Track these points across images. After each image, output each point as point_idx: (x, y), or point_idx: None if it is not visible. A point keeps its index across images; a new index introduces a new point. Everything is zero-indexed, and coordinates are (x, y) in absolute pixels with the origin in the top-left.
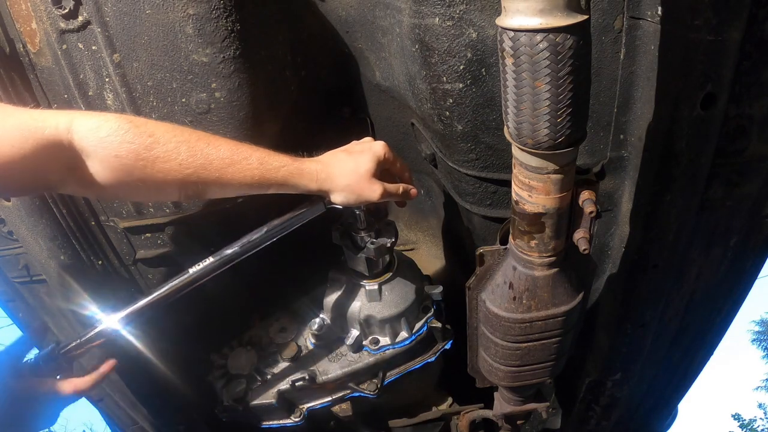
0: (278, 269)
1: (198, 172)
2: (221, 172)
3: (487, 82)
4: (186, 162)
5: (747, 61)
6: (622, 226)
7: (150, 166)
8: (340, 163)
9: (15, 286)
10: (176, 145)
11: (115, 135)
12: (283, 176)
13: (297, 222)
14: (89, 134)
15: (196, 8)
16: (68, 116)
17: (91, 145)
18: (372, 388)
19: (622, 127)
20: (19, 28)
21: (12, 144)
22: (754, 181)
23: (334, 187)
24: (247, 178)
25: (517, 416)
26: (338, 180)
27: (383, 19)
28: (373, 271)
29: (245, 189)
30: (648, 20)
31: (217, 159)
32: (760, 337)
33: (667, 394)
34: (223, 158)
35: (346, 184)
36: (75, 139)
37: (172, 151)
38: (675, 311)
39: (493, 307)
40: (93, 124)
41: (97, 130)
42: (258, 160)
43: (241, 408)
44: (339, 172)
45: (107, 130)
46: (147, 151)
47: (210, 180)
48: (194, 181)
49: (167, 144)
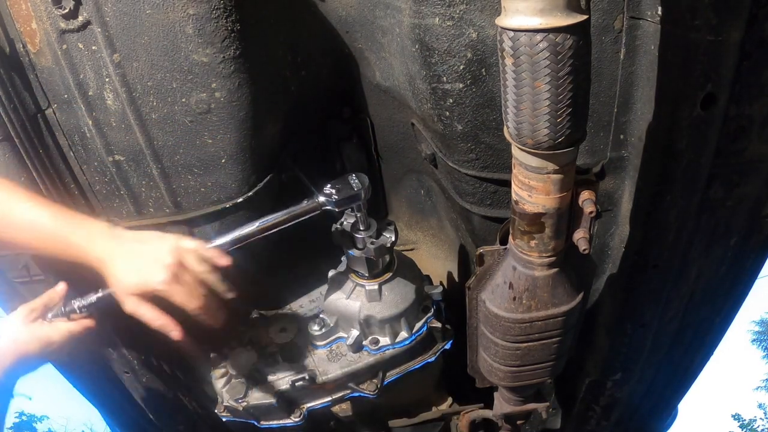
0: (278, 269)
1: (8, 232)
2: (26, 235)
3: (487, 82)
4: (1, 220)
5: (747, 61)
6: (622, 226)
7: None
8: (119, 267)
9: (15, 286)
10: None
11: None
12: (72, 255)
13: (290, 220)
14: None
15: (196, 8)
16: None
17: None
18: (372, 388)
19: (622, 127)
20: (19, 28)
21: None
22: (754, 181)
23: (109, 282)
24: (47, 248)
25: (517, 416)
26: (113, 280)
27: (383, 19)
28: (373, 271)
29: (45, 256)
30: (648, 20)
31: (24, 222)
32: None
33: (667, 394)
34: (28, 222)
35: (115, 285)
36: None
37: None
38: (675, 311)
39: (493, 307)
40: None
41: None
42: (54, 233)
43: (241, 408)
44: (116, 274)
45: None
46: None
47: (18, 241)
48: (7, 240)
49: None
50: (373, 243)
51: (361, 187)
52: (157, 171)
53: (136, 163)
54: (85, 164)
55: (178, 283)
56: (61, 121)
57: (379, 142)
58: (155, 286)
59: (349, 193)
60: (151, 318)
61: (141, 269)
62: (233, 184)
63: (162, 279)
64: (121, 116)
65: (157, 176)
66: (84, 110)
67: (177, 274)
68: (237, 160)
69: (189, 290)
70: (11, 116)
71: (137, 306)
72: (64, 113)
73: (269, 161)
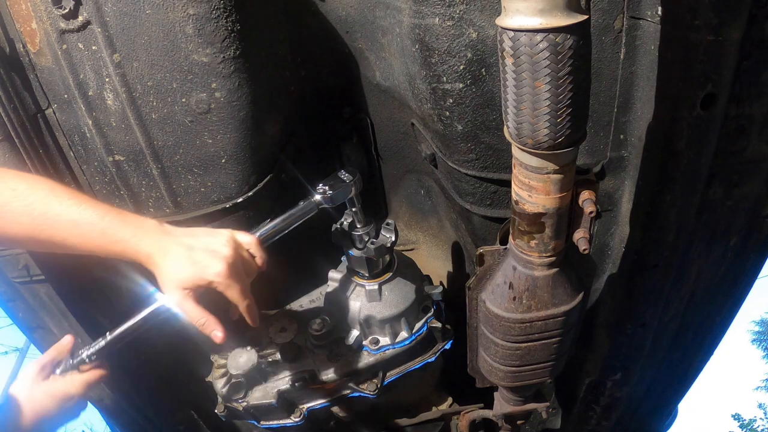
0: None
1: (47, 231)
2: (67, 233)
3: (487, 82)
4: (39, 218)
5: (747, 61)
6: (622, 226)
7: (7, 217)
8: (170, 258)
9: (15, 286)
10: (32, 200)
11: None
12: (120, 250)
13: (288, 225)
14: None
15: (196, 8)
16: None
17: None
18: (372, 388)
19: (622, 127)
20: (19, 28)
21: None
22: (754, 181)
23: (156, 275)
24: (89, 245)
25: (517, 416)
26: (160, 273)
27: (383, 19)
28: (373, 271)
29: (88, 253)
30: (648, 20)
31: (65, 220)
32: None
33: (667, 394)
34: (70, 220)
35: (162, 278)
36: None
37: (28, 206)
38: (675, 311)
39: (493, 307)
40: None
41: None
42: (101, 230)
43: (241, 408)
44: (165, 266)
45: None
46: (7, 205)
47: (56, 240)
48: (45, 239)
49: (25, 199)
50: (373, 243)
51: (352, 179)
52: (157, 171)
53: (136, 163)
54: (85, 164)
55: (234, 277)
56: (61, 121)
57: (379, 142)
58: (211, 278)
59: (341, 186)
60: (195, 315)
61: (197, 261)
62: (233, 184)
63: (219, 270)
64: (121, 116)
65: (157, 176)
66: (84, 110)
67: (234, 267)
68: (237, 160)
69: (244, 285)
70: (11, 116)
71: (182, 301)
72: (64, 113)
73: (269, 161)
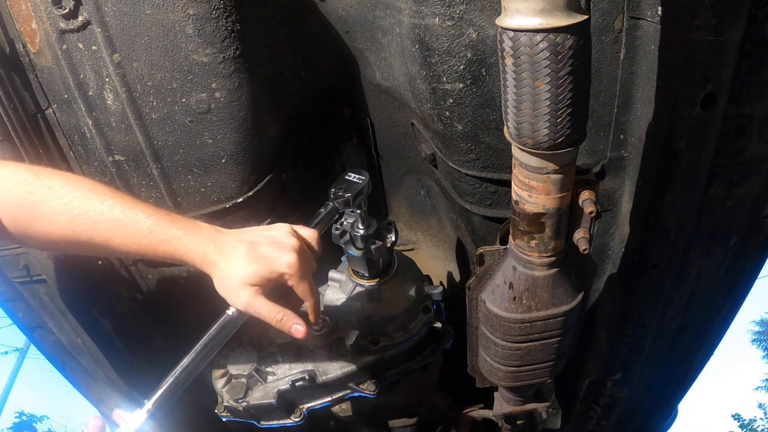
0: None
1: (87, 231)
2: (110, 233)
3: (487, 82)
4: (78, 218)
5: (747, 61)
6: (622, 226)
7: (43, 217)
8: (232, 255)
9: (15, 286)
10: (71, 199)
11: (18, 185)
12: (169, 250)
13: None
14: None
15: (196, 8)
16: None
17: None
18: (372, 388)
19: (622, 127)
20: (19, 28)
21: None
22: (754, 181)
23: (215, 276)
24: (134, 245)
25: (517, 416)
26: (222, 273)
27: (383, 19)
28: (373, 271)
29: (133, 254)
30: (648, 20)
31: (108, 219)
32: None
33: (667, 394)
34: (113, 219)
35: (224, 278)
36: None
37: (65, 205)
38: (675, 311)
39: (493, 307)
40: (2, 173)
41: (4, 179)
42: (147, 229)
43: (241, 408)
44: (227, 264)
45: (14, 180)
46: (43, 204)
47: (98, 241)
48: (84, 239)
49: (63, 198)
50: (373, 243)
51: (365, 180)
52: (157, 171)
53: (136, 163)
54: (85, 164)
55: (304, 269)
56: (61, 121)
57: (379, 142)
58: (284, 269)
59: (356, 189)
60: (271, 312)
61: (263, 254)
62: (233, 184)
63: (290, 261)
64: (121, 116)
65: (157, 176)
66: (84, 110)
67: (303, 258)
68: (237, 160)
69: (312, 279)
70: (11, 116)
71: (253, 300)
72: (64, 113)
73: (269, 161)
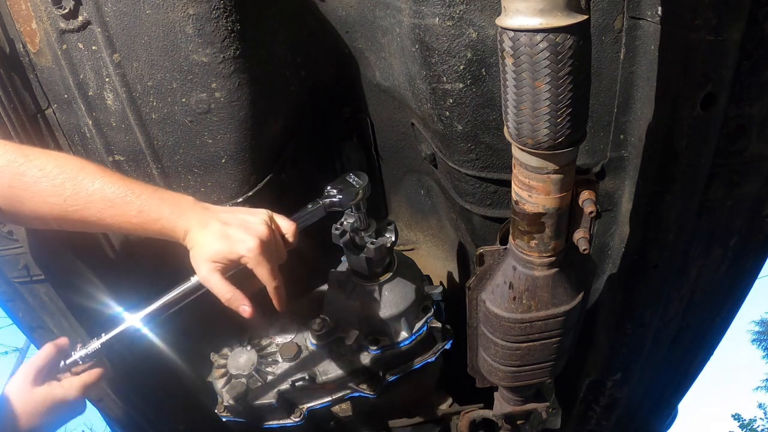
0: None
1: (80, 211)
2: (102, 213)
3: (487, 82)
4: (70, 198)
5: (747, 61)
6: (622, 226)
7: (36, 198)
8: (207, 232)
9: (15, 286)
10: (62, 180)
11: (9, 166)
12: (158, 229)
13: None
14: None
15: (196, 8)
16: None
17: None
18: (372, 388)
19: (622, 127)
20: (19, 28)
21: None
22: (754, 181)
23: (190, 248)
24: (125, 224)
25: (517, 416)
26: (194, 246)
27: (383, 19)
28: (373, 271)
29: (123, 232)
30: (648, 20)
31: (99, 200)
32: (760, 337)
33: (667, 394)
34: (104, 199)
35: (194, 250)
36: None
37: (58, 186)
38: (675, 311)
39: (493, 307)
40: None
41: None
42: (138, 208)
43: (241, 408)
44: (200, 238)
45: (4, 161)
46: (35, 185)
47: (91, 219)
48: (77, 219)
49: (55, 179)
50: (373, 243)
51: (362, 185)
52: (157, 171)
53: (136, 163)
54: None
55: (265, 255)
56: (61, 121)
57: (379, 142)
58: (243, 252)
59: (351, 191)
60: (222, 290)
61: (230, 235)
62: (233, 184)
63: (251, 246)
64: (121, 116)
65: (157, 176)
66: (84, 110)
67: (266, 246)
68: (237, 160)
69: (274, 265)
70: (11, 116)
71: (210, 275)
72: (64, 113)
73: (269, 161)
